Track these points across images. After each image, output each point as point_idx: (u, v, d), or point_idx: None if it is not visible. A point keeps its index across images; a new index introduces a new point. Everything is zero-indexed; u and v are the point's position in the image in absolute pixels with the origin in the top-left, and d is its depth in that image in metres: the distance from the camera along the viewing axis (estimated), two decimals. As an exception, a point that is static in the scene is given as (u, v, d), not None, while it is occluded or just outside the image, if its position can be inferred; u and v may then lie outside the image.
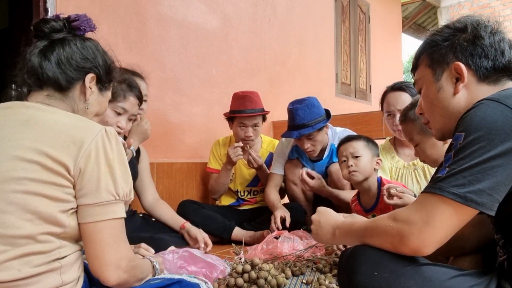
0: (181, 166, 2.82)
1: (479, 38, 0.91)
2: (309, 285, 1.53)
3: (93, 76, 1.01)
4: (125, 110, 1.64)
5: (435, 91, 0.96)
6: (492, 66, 0.90)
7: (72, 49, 0.98)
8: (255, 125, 2.55)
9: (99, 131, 0.89)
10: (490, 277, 0.84)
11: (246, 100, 2.55)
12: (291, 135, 2.28)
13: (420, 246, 0.79)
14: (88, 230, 0.88)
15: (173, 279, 1.04)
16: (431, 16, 8.63)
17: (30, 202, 0.82)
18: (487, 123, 0.78)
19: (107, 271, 0.88)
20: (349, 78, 5.14)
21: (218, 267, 1.52)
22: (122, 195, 0.91)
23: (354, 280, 0.85)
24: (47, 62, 0.95)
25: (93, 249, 0.88)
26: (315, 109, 2.27)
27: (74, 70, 0.98)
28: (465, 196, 0.76)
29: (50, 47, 0.97)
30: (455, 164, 0.79)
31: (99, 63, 1.02)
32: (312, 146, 2.30)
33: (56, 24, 0.99)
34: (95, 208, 0.87)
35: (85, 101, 1.01)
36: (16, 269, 0.80)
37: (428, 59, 0.98)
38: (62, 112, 0.93)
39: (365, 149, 1.91)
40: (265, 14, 3.74)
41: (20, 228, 0.81)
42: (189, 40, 2.96)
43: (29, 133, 0.86)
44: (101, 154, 0.88)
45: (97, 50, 1.03)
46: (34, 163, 0.83)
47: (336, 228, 1.03)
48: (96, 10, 2.33)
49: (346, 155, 1.92)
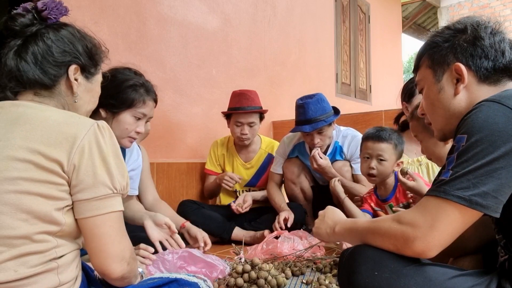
0: (181, 166, 2.81)
1: (479, 39, 0.91)
2: (309, 285, 1.53)
3: (76, 67, 0.96)
4: (144, 115, 1.63)
5: (436, 92, 0.97)
6: (492, 66, 0.90)
7: (46, 43, 0.92)
8: (251, 123, 2.54)
9: (91, 125, 0.88)
10: (491, 277, 0.84)
11: (243, 98, 2.55)
12: (303, 129, 2.27)
13: (425, 250, 0.79)
14: (88, 225, 0.87)
15: (171, 278, 1.03)
16: (431, 16, 8.64)
17: (24, 201, 0.81)
18: (489, 124, 0.78)
19: (113, 263, 0.88)
20: (349, 78, 5.14)
21: (218, 267, 1.52)
22: (120, 188, 0.90)
23: (354, 280, 0.85)
24: (23, 63, 0.90)
25: (96, 243, 0.87)
26: (325, 104, 2.30)
27: (54, 66, 0.93)
28: (470, 199, 0.76)
29: (24, 46, 0.91)
30: (459, 166, 0.78)
31: (79, 51, 0.96)
32: (321, 141, 2.31)
33: (24, 19, 0.92)
34: (94, 203, 0.86)
35: (73, 95, 0.97)
36: (13, 270, 0.79)
37: (429, 60, 0.98)
38: (53, 109, 0.91)
39: (392, 153, 1.88)
40: (265, 14, 3.74)
41: (16, 228, 0.80)
42: (189, 40, 2.96)
43: (20, 131, 0.84)
44: (95, 149, 0.86)
45: (74, 37, 0.97)
46: (26, 162, 0.82)
47: (337, 224, 1.03)
48: (96, 10, 2.33)
49: (371, 153, 1.89)
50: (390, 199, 1.94)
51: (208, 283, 1.11)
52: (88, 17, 2.29)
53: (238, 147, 2.73)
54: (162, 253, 1.54)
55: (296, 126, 2.34)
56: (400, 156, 1.92)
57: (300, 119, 2.30)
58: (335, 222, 1.04)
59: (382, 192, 1.98)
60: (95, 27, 2.31)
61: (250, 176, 2.71)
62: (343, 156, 2.41)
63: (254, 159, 2.71)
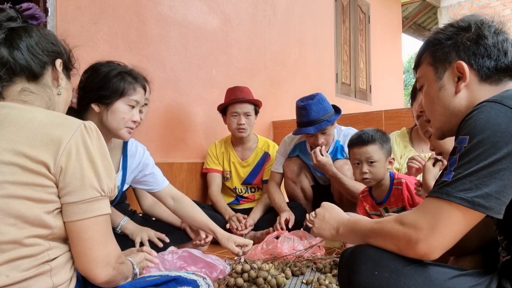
0: (181, 166, 2.82)
1: (482, 38, 0.90)
2: (309, 285, 1.53)
3: (61, 62, 0.99)
4: (137, 102, 1.61)
5: (437, 89, 0.96)
6: (494, 66, 0.90)
7: (37, 34, 0.95)
8: (247, 113, 2.58)
9: (77, 126, 0.86)
10: (491, 277, 0.84)
11: (237, 90, 2.62)
12: (307, 130, 2.26)
13: (427, 252, 0.79)
14: (75, 229, 0.86)
15: (170, 276, 1.03)
16: (431, 16, 8.64)
17: (12, 206, 0.79)
18: (491, 125, 0.77)
19: (97, 268, 0.86)
20: (349, 78, 5.14)
21: (218, 267, 1.52)
22: (107, 191, 0.89)
23: (355, 279, 0.84)
24: (16, 52, 0.91)
25: (81, 247, 0.86)
26: (326, 103, 2.30)
27: (45, 55, 0.95)
28: (472, 201, 0.75)
29: (16, 36, 0.92)
30: (461, 168, 0.78)
31: (62, 50, 1.00)
32: (325, 141, 2.32)
33: (11, 12, 0.94)
34: (81, 206, 0.85)
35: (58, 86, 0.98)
36: (4, 275, 0.78)
37: (430, 57, 0.97)
38: (38, 109, 0.90)
39: (380, 152, 1.87)
40: (265, 14, 3.74)
41: (4, 234, 0.79)
42: (189, 40, 2.96)
43: (4, 134, 0.82)
44: (82, 151, 0.85)
45: (56, 38, 1.01)
46: (12, 165, 0.80)
47: (341, 225, 1.03)
48: (96, 10, 2.33)
49: (360, 159, 1.89)
50: (385, 202, 1.93)
51: (207, 281, 1.10)
52: (88, 17, 2.28)
53: (235, 145, 2.75)
54: (162, 253, 1.54)
55: (299, 128, 2.32)
56: (389, 153, 1.92)
57: (303, 121, 2.29)
58: (338, 223, 1.04)
59: (377, 194, 1.97)
60: (95, 27, 2.31)
61: (246, 174, 2.72)
62: (344, 155, 2.41)
63: (250, 157, 2.73)
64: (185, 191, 2.80)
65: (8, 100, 0.91)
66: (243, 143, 2.72)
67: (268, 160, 2.71)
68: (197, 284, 1.04)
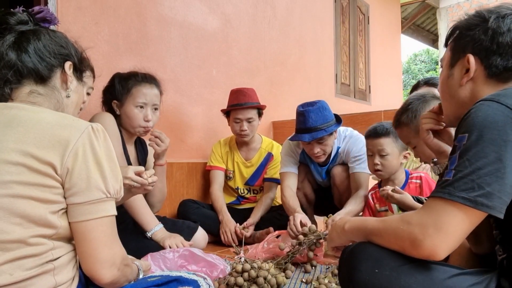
0: (182, 166, 2.82)
1: (498, 35, 0.90)
2: (309, 284, 1.54)
3: (71, 64, 0.99)
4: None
5: (447, 76, 0.99)
6: (503, 65, 0.90)
7: (46, 38, 0.96)
8: (249, 119, 2.56)
9: (85, 128, 0.87)
10: (491, 276, 0.84)
11: (240, 94, 2.58)
12: (302, 138, 2.15)
13: (432, 253, 0.78)
14: (80, 229, 0.86)
15: (171, 277, 1.03)
16: (430, 17, 8.66)
17: (18, 205, 0.80)
18: (488, 123, 0.78)
19: (102, 269, 0.87)
20: (349, 79, 5.15)
21: (218, 266, 1.53)
22: (113, 192, 0.89)
23: (355, 277, 0.85)
24: (24, 55, 0.92)
25: (86, 247, 0.87)
26: (327, 112, 2.17)
27: (53, 57, 0.96)
28: (475, 200, 0.75)
29: (25, 39, 0.94)
30: (461, 166, 0.78)
31: (72, 52, 1.01)
32: (322, 151, 2.20)
33: (22, 16, 0.96)
34: (86, 207, 0.85)
35: (66, 89, 0.99)
36: (8, 273, 0.79)
37: (453, 42, 0.99)
38: (46, 111, 0.90)
39: (393, 146, 1.86)
40: (265, 15, 3.75)
41: (10, 233, 0.80)
42: (189, 41, 2.96)
43: (12, 134, 0.83)
44: (89, 152, 0.86)
45: (67, 40, 1.01)
46: (19, 165, 0.81)
47: (347, 222, 1.03)
48: (97, 11, 2.34)
49: (372, 150, 1.90)
50: None
51: (208, 281, 1.11)
52: (89, 17, 2.29)
53: (239, 145, 2.75)
54: (163, 251, 1.55)
55: (295, 134, 2.23)
56: (404, 148, 1.89)
57: (300, 127, 2.18)
58: (345, 221, 1.04)
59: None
60: (96, 28, 2.32)
61: (249, 175, 2.72)
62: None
63: (254, 157, 2.72)
64: (185, 191, 2.81)
65: (17, 102, 0.92)
66: (247, 144, 2.71)
67: (271, 160, 2.69)
68: (198, 285, 1.06)
